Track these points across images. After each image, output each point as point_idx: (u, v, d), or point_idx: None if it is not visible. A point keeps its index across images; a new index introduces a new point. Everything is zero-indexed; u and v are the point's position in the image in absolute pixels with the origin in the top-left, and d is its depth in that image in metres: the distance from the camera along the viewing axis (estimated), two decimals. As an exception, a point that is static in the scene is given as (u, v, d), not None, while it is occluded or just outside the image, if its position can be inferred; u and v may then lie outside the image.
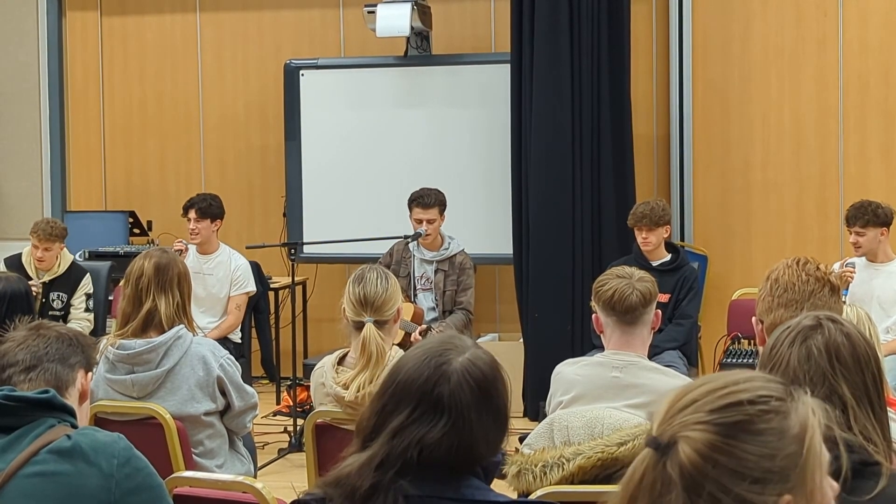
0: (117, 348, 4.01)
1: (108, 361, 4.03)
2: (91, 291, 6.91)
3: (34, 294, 5.95)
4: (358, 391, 3.75)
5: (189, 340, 4.04)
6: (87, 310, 6.88)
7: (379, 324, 3.84)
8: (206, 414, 4.07)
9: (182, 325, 4.05)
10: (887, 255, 6.20)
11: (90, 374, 2.59)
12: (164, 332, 4.02)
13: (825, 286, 2.90)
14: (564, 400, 3.58)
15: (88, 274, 6.97)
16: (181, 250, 6.82)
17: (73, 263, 6.97)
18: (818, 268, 2.94)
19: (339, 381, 3.85)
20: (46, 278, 6.82)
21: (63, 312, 6.81)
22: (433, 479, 2.03)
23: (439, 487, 2.03)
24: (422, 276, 6.92)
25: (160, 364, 4.00)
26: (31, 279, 6.55)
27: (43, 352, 2.49)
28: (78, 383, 2.53)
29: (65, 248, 6.93)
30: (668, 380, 3.54)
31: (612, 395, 3.50)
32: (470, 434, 2.04)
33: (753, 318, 2.96)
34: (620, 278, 3.59)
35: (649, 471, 1.41)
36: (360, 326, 3.84)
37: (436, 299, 6.88)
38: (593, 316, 3.67)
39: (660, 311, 3.67)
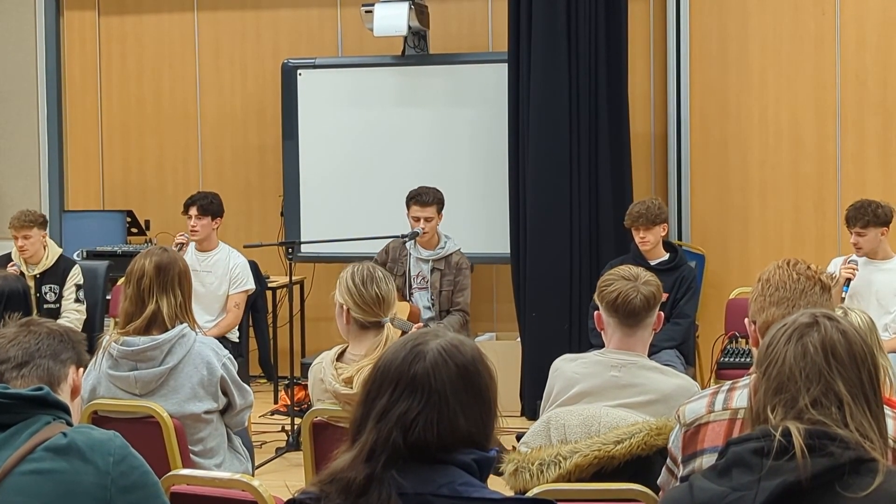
0: (121, 345, 4.02)
1: (112, 357, 4.04)
2: (80, 282, 6.89)
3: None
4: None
5: (192, 339, 4.05)
6: (76, 300, 6.86)
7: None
8: (207, 412, 4.08)
9: (185, 324, 4.05)
10: (887, 253, 6.19)
11: (81, 369, 2.59)
12: (166, 330, 4.02)
13: (816, 285, 2.92)
14: (563, 398, 3.58)
15: (77, 265, 6.98)
16: (182, 244, 6.82)
17: (62, 255, 6.98)
18: (808, 267, 2.96)
19: (340, 377, 3.85)
20: (36, 272, 6.82)
21: (57, 305, 6.82)
22: (425, 468, 2.02)
23: (433, 483, 2.02)
24: (418, 275, 6.90)
25: (164, 361, 4.00)
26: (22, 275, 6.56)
27: (34, 348, 2.49)
28: (70, 379, 2.53)
29: (51, 241, 6.95)
30: (668, 379, 3.54)
31: (610, 394, 3.50)
32: (447, 409, 2.03)
33: (746, 320, 2.98)
34: (626, 280, 3.56)
35: None
36: (370, 326, 3.92)
37: (432, 299, 6.86)
38: (595, 313, 3.66)
39: (661, 313, 3.66)
